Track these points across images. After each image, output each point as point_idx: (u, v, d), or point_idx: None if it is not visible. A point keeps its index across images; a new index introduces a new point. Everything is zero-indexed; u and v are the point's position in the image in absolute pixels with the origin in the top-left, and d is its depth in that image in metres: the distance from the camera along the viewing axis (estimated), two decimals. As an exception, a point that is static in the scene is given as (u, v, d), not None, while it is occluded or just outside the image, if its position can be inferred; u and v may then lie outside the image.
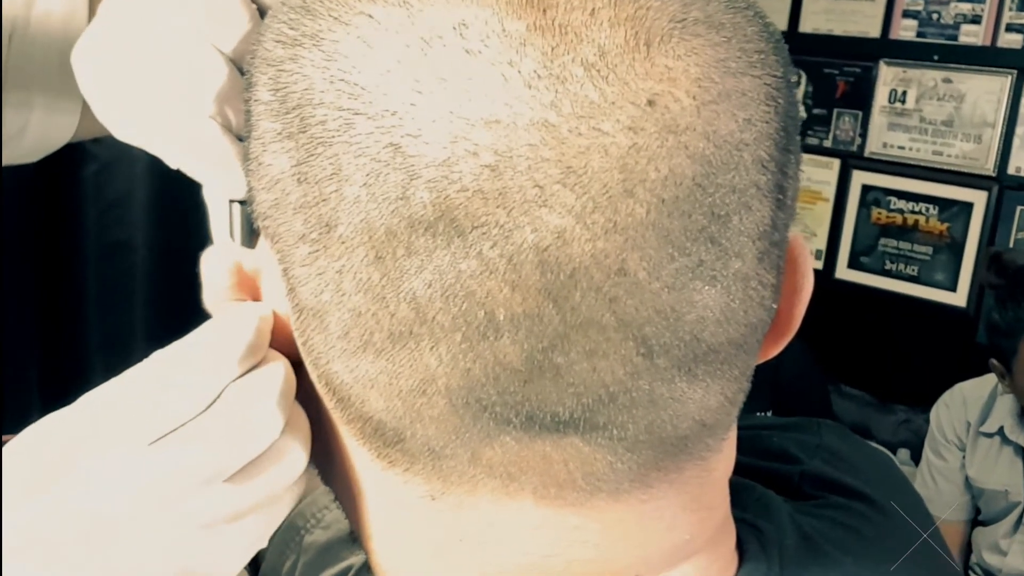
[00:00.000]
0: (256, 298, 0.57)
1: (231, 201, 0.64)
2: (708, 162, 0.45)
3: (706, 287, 0.46)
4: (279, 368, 0.55)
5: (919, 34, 3.88)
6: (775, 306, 0.52)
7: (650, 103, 0.44)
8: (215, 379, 0.54)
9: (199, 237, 0.64)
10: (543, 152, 0.43)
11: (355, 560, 0.78)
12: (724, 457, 0.57)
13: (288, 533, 0.91)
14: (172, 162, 0.65)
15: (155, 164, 0.67)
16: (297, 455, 0.55)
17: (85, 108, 0.99)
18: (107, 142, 0.70)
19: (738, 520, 0.62)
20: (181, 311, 0.55)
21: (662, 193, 0.44)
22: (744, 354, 0.51)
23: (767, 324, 0.52)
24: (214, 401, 0.53)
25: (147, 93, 0.64)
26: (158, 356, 0.55)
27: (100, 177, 2.79)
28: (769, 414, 3.22)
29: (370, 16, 0.46)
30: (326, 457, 0.59)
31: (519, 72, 0.43)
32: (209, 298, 0.57)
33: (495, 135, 0.43)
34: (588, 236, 0.43)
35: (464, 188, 0.43)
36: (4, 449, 0.53)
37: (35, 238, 2.72)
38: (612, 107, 0.43)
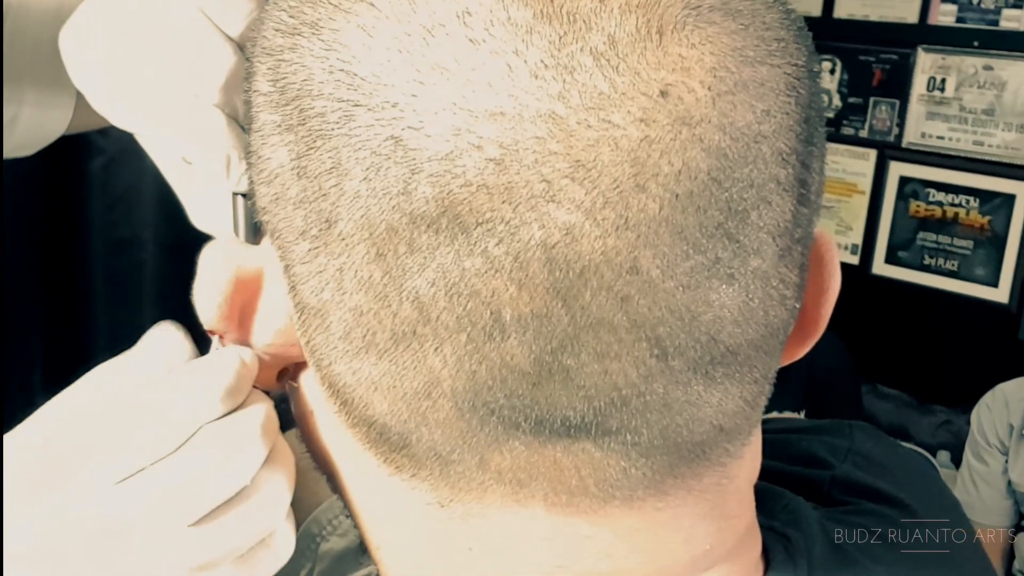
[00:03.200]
0: (253, 302, 0.56)
1: (234, 194, 0.63)
2: (724, 155, 0.44)
3: (723, 286, 0.46)
4: (259, 411, 0.56)
5: (959, 19, 3.87)
6: (798, 306, 0.52)
7: (663, 94, 0.43)
8: (187, 421, 0.54)
9: (209, 234, 0.64)
10: (550, 145, 0.43)
11: (373, 569, 0.78)
12: (746, 463, 0.57)
13: (304, 541, 0.91)
14: (172, 152, 0.65)
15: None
16: (276, 498, 0.55)
17: (80, 99, 0.99)
18: (114, 134, 0.70)
19: (765, 528, 0.62)
20: (191, 310, 0.55)
21: (676, 188, 0.43)
22: (765, 356, 0.51)
23: (790, 325, 0.52)
24: (185, 442, 0.54)
25: (145, 79, 0.64)
26: (133, 386, 0.56)
27: (107, 170, 2.80)
28: (802, 414, 3.22)
29: (371, 4, 0.46)
30: (333, 464, 0.59)
31: (525, 62, 0.43)
32: (201, 299, 0.57)
33: (500, 128, 0.43)
34: (598, 233, 0.43)
35: (468, 183, 0.43)
36: None
37: (39, 234, 2.73)
38: (623, 98, 0.43)
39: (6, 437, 0.54)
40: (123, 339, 0.57)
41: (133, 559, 0.52)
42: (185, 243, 0.61)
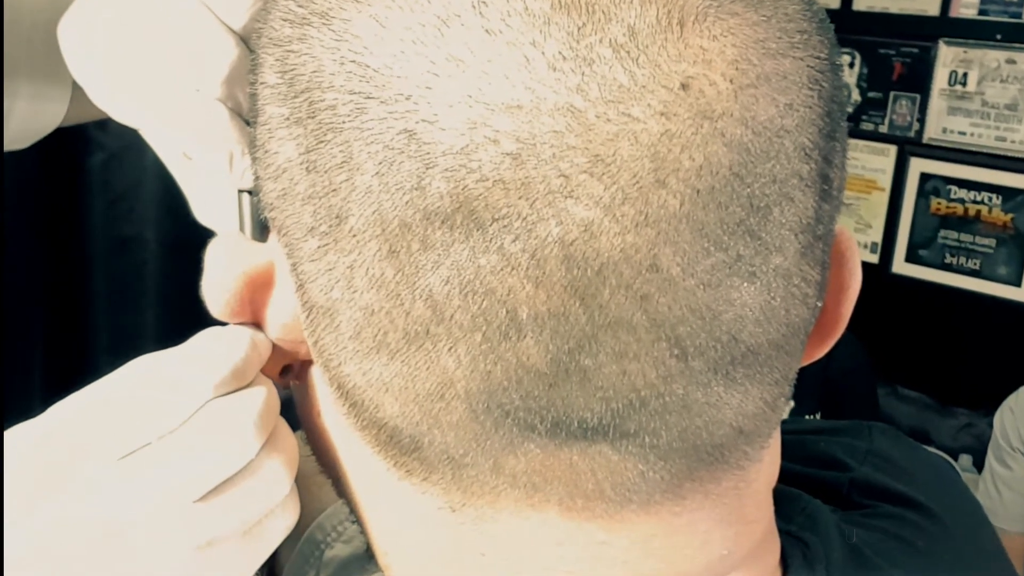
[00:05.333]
0: (264, 297, 0.57)
1: (240, 191, 0.63)
2: (746, 150, 0.44)
3: (744, 284, 0.46)
4: (260, 391, 0.56)
5: (981, 11, 3.86)
6: (819, 304, 0.52)
7: (683, 87, 0.43)
8: (192, 397, 0.54)
9: (213, 232, 0.63)
10: (568, 139, 0.42)
11: (380, 576, 0.78)
12: (765, 466, 0.57)
13: (308, 547, 0.91)
14: (174, 147, 0.64)
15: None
16: (276, 478, 0.55)
17: (76, 91, 0.98)
18: (114, 129, 0.69)
19: (783, 532, 0.62)
20: (194, 311, 0.55)
21: (697, 183, 0.43)
22: (786, 356, 0.51)
23: (811, 323, 0.52)
24: (188, 419, 0.54)
25: (146, 72, 0.64)
26: (143, 364, 0.56)
27: (108, 167, 2.80)
28: (818, 416, 3.21)
29: None
30: (339, 467, 0.59)
31: (543, 53, 0.43)
32: (209, 295, 0.57)
33: (517, 121, 0.42)
34: (617, 229, 0.43)
35: (483, 178, 0.43)
36: None
37: (39, 232, 2.73)
38: (643, 91, 0.43)
39: (8, 432, 0.54)
40: (125, 340, 0.58)
41: (140, 540, 0.52)
42: (189, 242, 0.61)
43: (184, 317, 0.58)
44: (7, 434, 0.54)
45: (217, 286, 0.56)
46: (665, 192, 0.43)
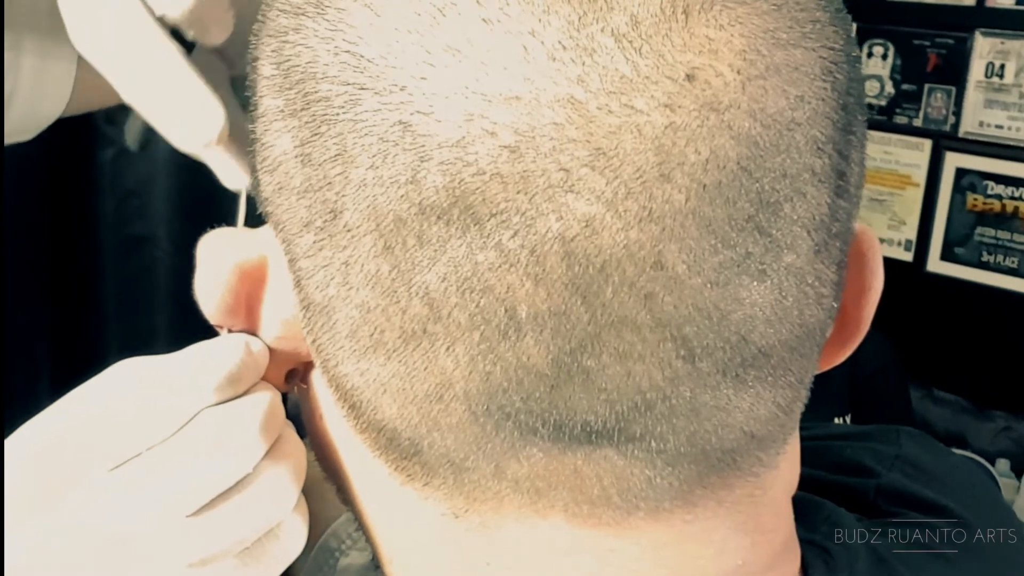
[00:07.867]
0: (258, 292, 0.56)
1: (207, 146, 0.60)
2: (755, 143, 0.44)
3: (754, 283, 0.45)
4: (263, 397, 0.55)
5: (1019, 1, 3.84)
6: (836, 305, 0.51)
7: (689, 78, 0.43)
8: (184, 406, 0.54)
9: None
10: (569, 132, 0.42)
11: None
12: (782, 474, 0.56)
13: (322, 555, 0.91)
14: (137, 106, 0.61)
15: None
16: (280, 490, 0.55)
17: (82, 66, 0.96)
18: (123, 123, 0.68)
19: (805, 542, 0.62)
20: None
21: (703, 178, 0.43)
22: (800, 358, 0.50)
23: (827, 325, 0.51)
24: (183, 427, 0.53)
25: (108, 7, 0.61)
26: (134, 368, 0.56)
27: (118, 163, 2.80)
28: (848, 419, 3.20)
29: None
30: (343, 473, 0.59)
31: (542, 43, 0.42)
32: (202, 291, 0.56)
33: (515, 113, 0.42)
34: (620, 225, 0.42)
35: (480, 171, 0.43)
36: None
37: (46, 231, 2.74)
38: (646, 82, 0.42)
39: (9, 440, 0.54)
40: (136, 342, 0.58)
41: (137, 552, 0.52)
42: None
43: (196, 319, 0.58)
44: (9, 440, 0.54)
45: (210, 280, 0.56)
46: (670, 187, 0.43)
